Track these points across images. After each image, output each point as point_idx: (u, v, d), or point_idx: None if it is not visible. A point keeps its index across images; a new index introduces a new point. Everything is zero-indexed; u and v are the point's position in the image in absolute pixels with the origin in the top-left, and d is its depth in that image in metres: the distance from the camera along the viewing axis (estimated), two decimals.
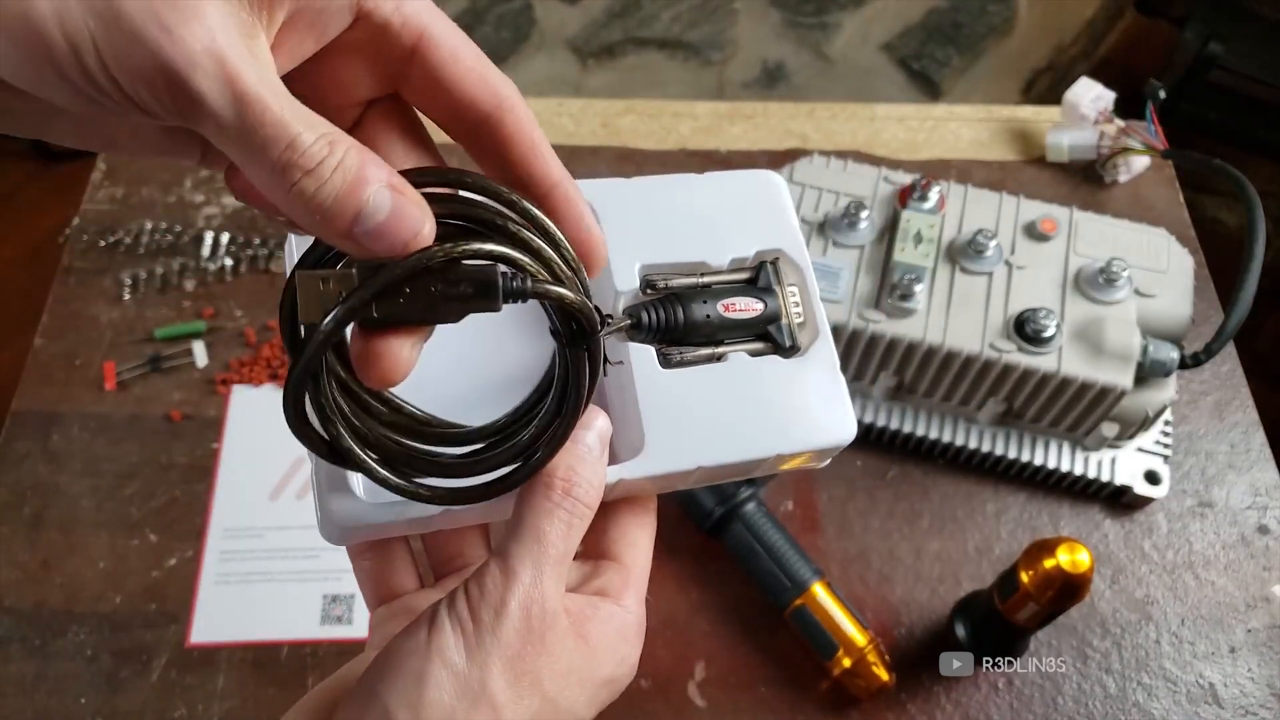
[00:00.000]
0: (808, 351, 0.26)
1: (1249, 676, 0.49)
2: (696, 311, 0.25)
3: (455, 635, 0.22)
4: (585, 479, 0.23)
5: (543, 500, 0.23)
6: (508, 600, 0.23)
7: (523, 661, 0.23)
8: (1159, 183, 0.66)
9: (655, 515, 0.28)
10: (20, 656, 0.48)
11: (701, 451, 0.25)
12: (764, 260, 0.27)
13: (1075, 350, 0.49)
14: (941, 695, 0.48)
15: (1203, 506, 0.54)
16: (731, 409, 0.25)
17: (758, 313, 0.26)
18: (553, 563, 0.23)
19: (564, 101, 0.69)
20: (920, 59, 1.18)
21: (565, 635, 0.24)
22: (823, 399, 0.26)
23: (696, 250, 0.26)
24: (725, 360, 0.26)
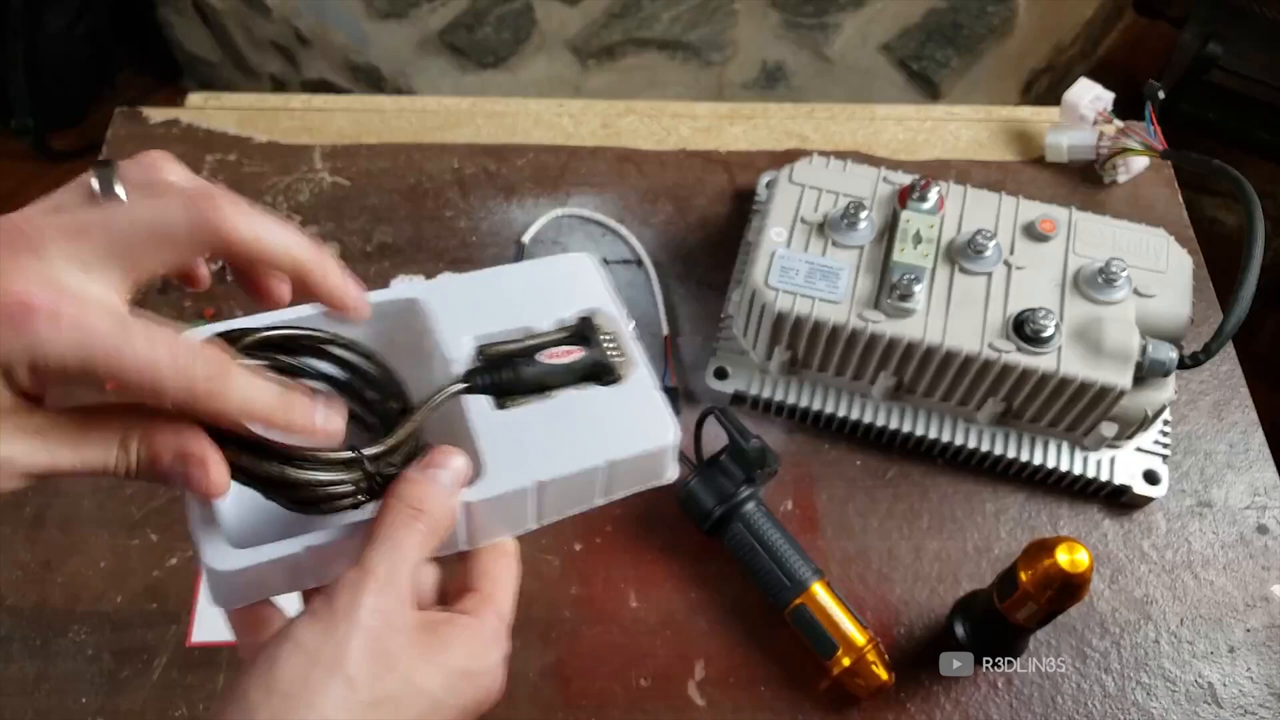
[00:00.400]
0: (628, 379, 0.31)
1: (1248, 676, 0.49)
2: (521, 363, 0.31)
3: (311, 621, 0.25)
4: (437, 503, 0.27)
5: (397, 516, 0.27)
6: (362, 591, 0.25)
7: (377, 641, 0.25)
8: (1158, 183, 0.66)
9: (518, 559, 0.31)
10: (21, 656, 0.48)
11: (535, 469, 0.29)
12: (583, 319, 0.33)
13: (1074, 350, 0.49)
14: (940, 694, 0.48)
15: (1202, 506, 0.54)
16: (561, 432, 0.30)
17: (578, 357, 0.31)
18: (406, 564, 0.26)
19: (564, 102, 0.69)
20: (920, 60, 1.18)
21: (417, 628, 0.26)
22: (641, 412, 0.31)
23: (522, 321, 0.32)
24: (553, 396, 0.31)
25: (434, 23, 1.20)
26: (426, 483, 0.28)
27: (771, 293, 0.51)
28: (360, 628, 0.25)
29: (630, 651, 0.49)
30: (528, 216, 0.64)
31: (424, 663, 0.26)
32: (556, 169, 0.66)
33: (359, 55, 1.26)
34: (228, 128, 0.67)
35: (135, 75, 1.57)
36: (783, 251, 0.52)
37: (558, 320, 0.32)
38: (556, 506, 0.30)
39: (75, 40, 1.41)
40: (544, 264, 0.34)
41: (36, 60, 1.37)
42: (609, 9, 1.18)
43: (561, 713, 0.47)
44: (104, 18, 1.45)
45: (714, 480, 0.50)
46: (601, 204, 0.65)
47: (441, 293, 0.32)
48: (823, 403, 0.54)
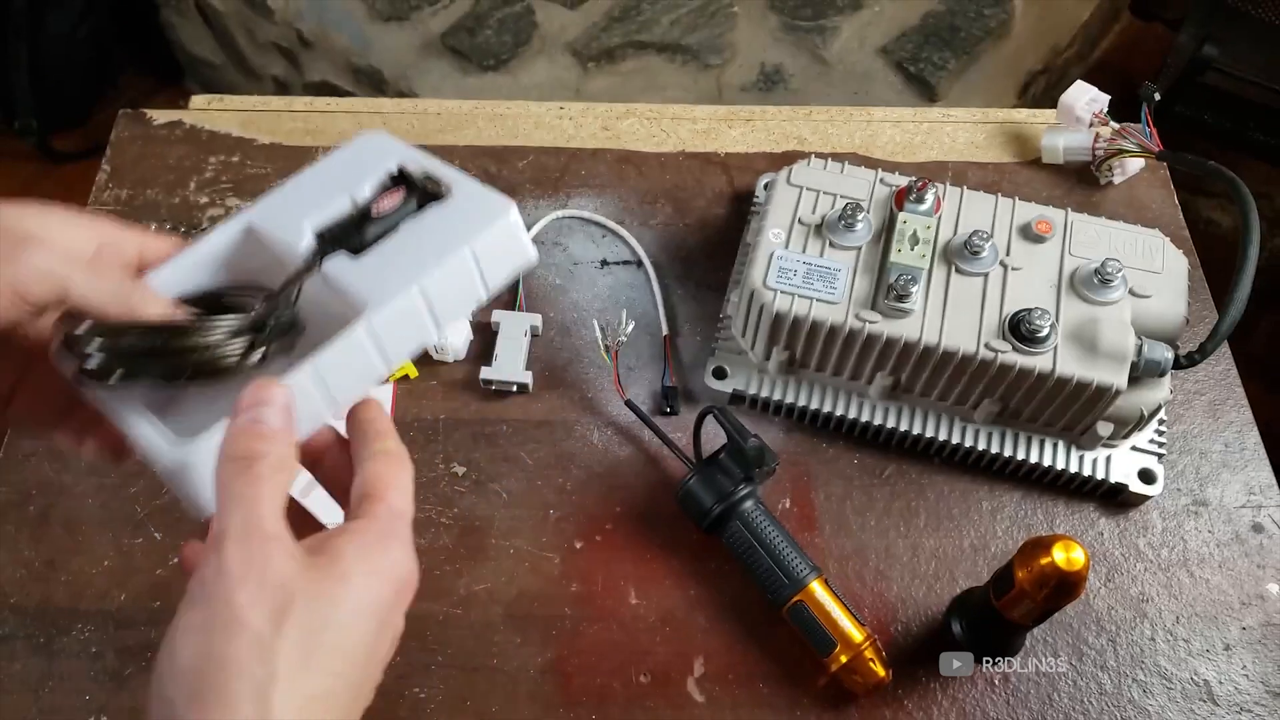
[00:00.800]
0: (454, 191, 0.34)
1: (1243, 674, 0.49)
2: (361, 227, 0.34)
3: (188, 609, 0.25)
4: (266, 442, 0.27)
5: (230, 472, 0.27)
6: (222, 553, 0.25)
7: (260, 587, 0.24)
8: (1154, 184, 0.66)
9: (406, 459, 0.31)
10: (25, 654, 0.48)
11: (412, 277, 0.32)
12: (394, 174, 0.36)
13: (1070, 350, 0.49)
14: (938, 691, 0.48)
15: (1197, 505, 0.55)
16: (420, 246, 0.33)
17: (402, 194, 0.34)
18: (260, 505, 0.26)
19: (565, 105, 0.70)
20: (917, 62, 1.19)
21: (302, 555, 0.26)
22: (478, 204, 0.34)
23: (345, 197, 0.35)
24: (399, 230, 0.34)
25: (435, 26, 1.21)
26: (247, 428, 0.27)
27: (770, 293, 0.51)
28: (235, 581, 0.24)
29: (630, 648, 0.49)
30: (528, 218, 0.65)
31: (319, 581, 0.26)
32: (557, 171, 0.66)
33: (361, 58, 1.26)
34: (231, 129, 0.68)
35: (137, 77, 1.57)
36: (781, 252, 0.53)
37: (374, 184, 0.35)
38: (448, 309, 0.33)
39: (78, 42, 1.42)
40: (343, 150, 0.37)
41: (39, 61, 1.38)
42: (609, 12, 1.18)
43: (561, 709, 0.48)
44: (107, 19, 1.46)
45: (713, 479, 0.50)
46: (601, 205, 0.65)
47: (267, 209, 0.35)
48: (820, 402, 0.55)
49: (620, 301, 0.61)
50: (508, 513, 0.53)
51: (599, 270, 0.62)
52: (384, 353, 0.32)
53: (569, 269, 0.62)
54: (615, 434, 0.56)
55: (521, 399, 0.57)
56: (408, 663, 0.49)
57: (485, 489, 0.54)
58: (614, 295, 0.61)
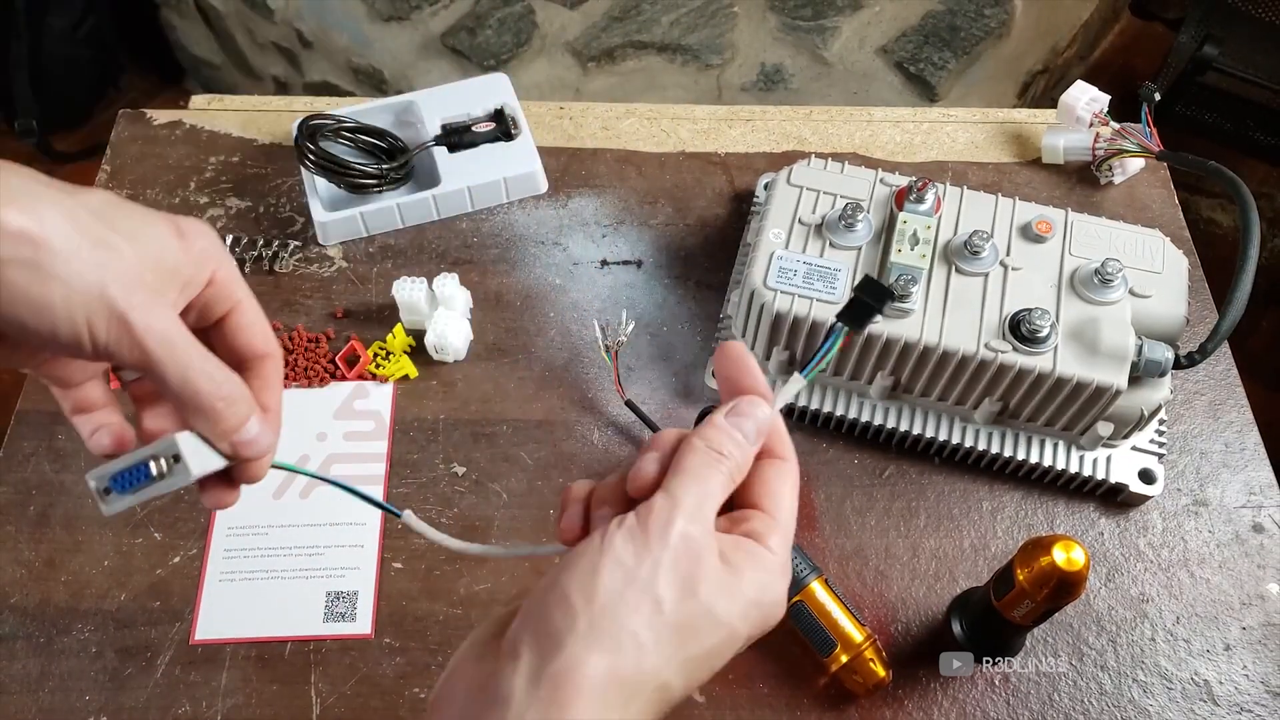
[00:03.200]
0: (519, 138, 0.65)
1: (1244, 674, 0.49)
2: (464, 132, 0.65)
3: (626, 542, 0.27)
4: (739, 451, 0.29)
5: (703, 457, 0.29)
6: (674, 519, 0.27)
7: (684, 568, 0.26)
8: (1154, 184, 0.66)
9: (797, 470, 0.32)
10: (25, 654, 0.48)
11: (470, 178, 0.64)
12: (498, 109, 0.66)
13: (1070, 350, 0.49)
14: (938, 691, 0.48)
15: (1197, 505, 0.55)
16: (482, 161, 0.65)
17: (491, 126, 0.65)
18: (710, 499, 0.28)
19: (565, 105, 0.70)
20: (917, 62, 1.18)
21: (716, 557, 0.28)
22: (522, 154, 0.64)
23: (466, 109, 0.66)
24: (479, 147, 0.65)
25: (436, 25, 1.21)
26: (730, 430, 0.29)
27: (770, 293, 0.51)
28: (671, 551, 0.26)
29: None
30: (529, 217, 0.65)
31: (722, 593, 0.27)
32: (557, 170, 0.66)
33: (361, 58, 1.26)
34: (231, 129, 0.68)
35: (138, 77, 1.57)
36: (781, 252, 0.53)
37: (485, 109, 0.66)
38: (482, 200, 0.64)
39: (78, 42, 1.42)
40: (476, 81, 0.67)
41: (40, 62, 1.38)
42: (609, 12, 1.18)
43: None
44: (107, 20, 1.46)
45: None
46: (601, 205, 0.65)
47: (425, 99, 0.66)
48: (820, 402, 0.55)
49: (620, 301, 0.61)
50: (508, 513, 0.53)
51: (599, 270, 0.62)
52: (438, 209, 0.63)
53: (569, 269, 0.62)
54: (615, 434, 0.56)
55: (521, 399, 0.57)
56: (408, 663, 0.49)
57: (485, 489, 0.54)
58: (614, 295, 0.61)
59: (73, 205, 0.26)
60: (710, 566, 0.27)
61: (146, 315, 0.26)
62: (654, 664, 0.26)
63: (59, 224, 0.25)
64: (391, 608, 0.50)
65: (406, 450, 0.55)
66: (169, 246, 0.28)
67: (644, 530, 0.27)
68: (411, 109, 0.66)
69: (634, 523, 0.27)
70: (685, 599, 0.26)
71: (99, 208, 0.27)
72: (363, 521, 0.53)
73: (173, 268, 0.28)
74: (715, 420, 0.30)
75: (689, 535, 0.27)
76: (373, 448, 0.55)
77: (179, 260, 0.28)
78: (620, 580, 0.26)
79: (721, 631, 0.27)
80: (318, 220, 0.62)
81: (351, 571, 0.51)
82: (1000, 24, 1.19)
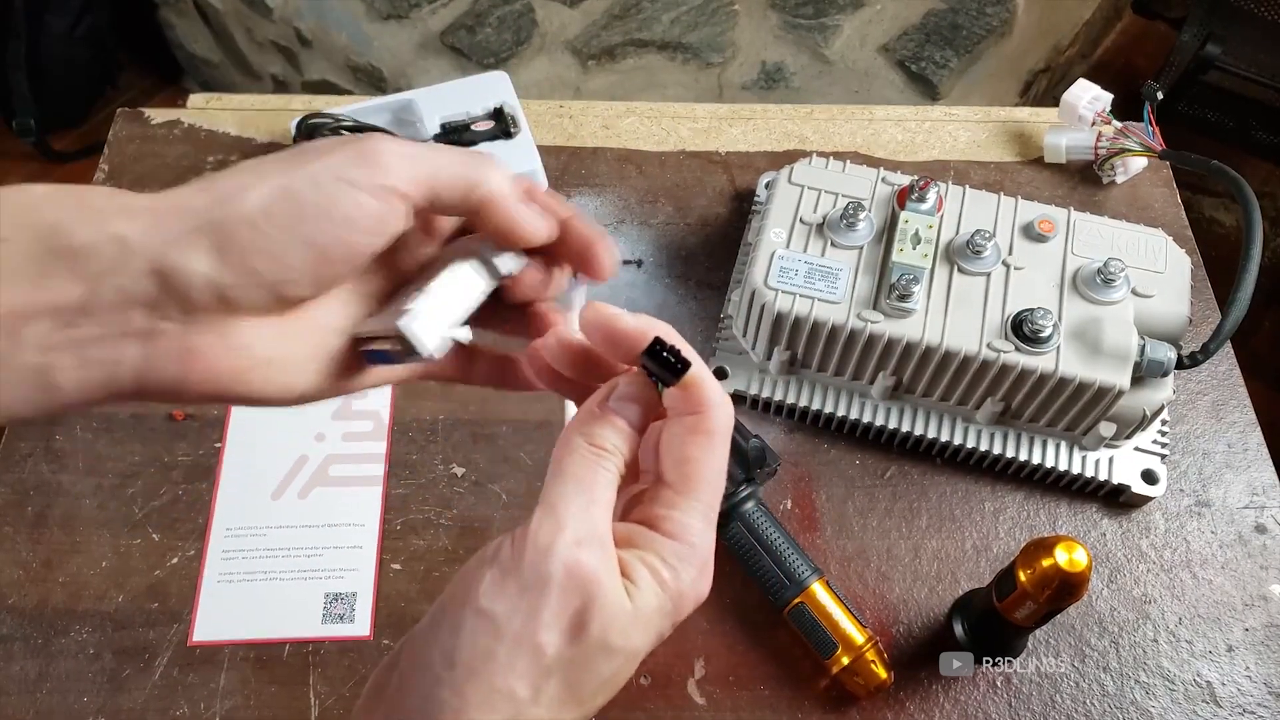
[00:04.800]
0: (518, 136, 0.64)
1: (1246, 675, 0.49)
2: (463, 130, 0.64)
3: (495, 588, 0.23)
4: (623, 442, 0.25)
5: (585, 456, 0.25)
6: (554, 547, 0.23)
7: (570, 604, 0.23)
8: (1156, 183, 0.66)
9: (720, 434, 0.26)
10: (23, 655, 0.48)
11: None
12: (498, 107, 0.65)
13: (1073, 350, 0.49)
14: (940, 693, 0.48)
15: (1200, 506, 0.54)
16: None
17: (491, 125, 0.64)
18: (598, 504, 0.24)
19: (565, 103, 0.70)
20: (918, 61, 1.18)
21: (614, 577, 0.23)
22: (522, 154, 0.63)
23: (464, 108, 0.65)
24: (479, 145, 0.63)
25: (435, 24, 1.20)
26: (612, 418, 0.25)
27: (771, 293, 0.51)
28: (553, 589, 0.22)
29: None
30: None
31: (620, 621, 0.23)
32: (557, 169, 0.66)
33: (360, 56, 1.26)
34: (229, 129, 0.68)
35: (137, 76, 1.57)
36: (782, 252, 0.52)
37: (484, 107, 0.65)
38: None
39: (77, 41, 1.42)
40: (476, 79, 0.66)
41: (38, 61, 1.37)
42: (609, 10, 1.18)
43: None
44: (105, 19, 1.46)
45: None
46: (602, 204, 0.65)
47: (424, 97, 0.65)
48: (822, 402, 0.54)
49: (620, 301, 0.61)
50: (507, 514, 0.53)
51: None
52: None
53: None
54: None
55: (521, 399, 0.57)
56: None
57: (484, 490, 0.54)
58: (614, 295, 0.61)
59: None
60: (606, 595, 0.23)
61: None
62: (537, 715, 0.22)
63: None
64: (390, 609, 0.50)
65: (405, 451, 0.55)
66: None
67: (517, 567, 0.23)
68: (410, 107, 0.66)
69: (507, 556, 0.23)
70: (574, 640, 0.23)
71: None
72: (361, 523, 0.52)
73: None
74: (592, 406, 0.26)
75: (576, 564, 0.23)
76: (371, 448, 0.55)
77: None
78: (488, 636, 0.22)
79: (619, 659, 0.23)
80: None
81: (350, 573, 0.51)
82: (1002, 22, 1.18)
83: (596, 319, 0.26)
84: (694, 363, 0.25)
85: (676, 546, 0.25)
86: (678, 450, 0.25)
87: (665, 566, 0.24)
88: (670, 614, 0.24)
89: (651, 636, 0.24)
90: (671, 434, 0.26)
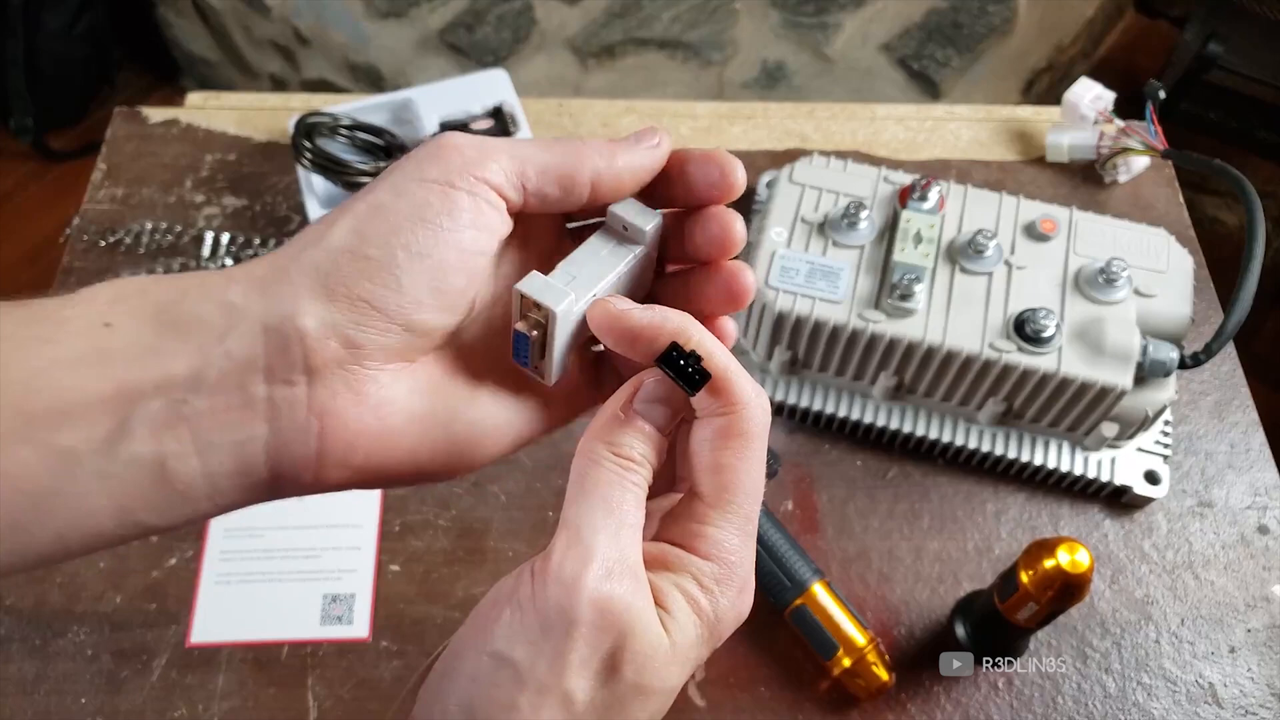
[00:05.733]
0: (517, 133, 0.62)
1: (1249, 676, 0.49)
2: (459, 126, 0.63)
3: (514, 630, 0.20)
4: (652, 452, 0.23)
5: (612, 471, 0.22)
6: (582, 581, 0.20)
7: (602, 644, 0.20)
8: (1159, 183, 0.66)
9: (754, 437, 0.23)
10: (20, 656, 0.48)
11: None
12: (497, 106, 0.64)
13: (1075, 350, 0.49)
14: (941, 695, 0.48)
15: (1202, 506, 0.54)
16: None
17: (490, 124, 0.64)
18: (628, 527, 0.21)
19: (564, 102, 0.69)
20: (920, 59, 1.18)
21: (649, 609, 0.21)
22: None
23: (463, 107, 0.65)
24: None
25: (434, 22, 1.20)
26: (639, 425, 0.22)
27: (772, 293, 0.51)
28: (582, 629, 0.20)
29: None
30: None
31: (657, 658, 0.21)
32: None
33: (359, 55, 1.26)
34: (227, 127, 0.67)
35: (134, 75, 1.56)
36: (783, 251, 0.52)
37: (483, 106, 0.64)
38: None
39: (74, 40, 1.41)
40: (475, 77, 0.66)
41: (35, 60, 1.37)
42: (609, 8, 1.17)
43: None
44: (103, 17, 1.45)
45: None
46: None
47: (423, 95, 0.64)
48: (823, 403, 0.54)
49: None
50: (506, 515, 0.53)
51: None
52: None
53: None
54: None
55: None
56: (405, 666, 0.48)
57: (483, 491, 0.54)
58: None
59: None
60: (640, 632, 0.20)
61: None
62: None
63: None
64: (389, 611, 0.50)
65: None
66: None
67: (539, 605, 0.20)
68: (409, 106, 0.65)
69: (527, 593, 0.20)
70: (606, 685, 0.20)
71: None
72: (360, 524, 0.52)
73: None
74: (615, 410, 0.23)
75: (607, 600, 0.20)
76: None
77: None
78: (510, 685, 0.20)
79: (656, 700, 0.21)
80: (314, 219, 0.61)
81: (349, 574, 0.51)
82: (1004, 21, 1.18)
83: (604, 317, 0.23)
84: (720, 360, 0.22)
85: (713, 568, 0.22)
86: (709, 457, 0.22)
87: (702, 592, 0.22)
88: (708, 641, 0.22)
89: (689, 670, 0.22)
90: (701, 439, 0.23)
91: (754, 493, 0.23)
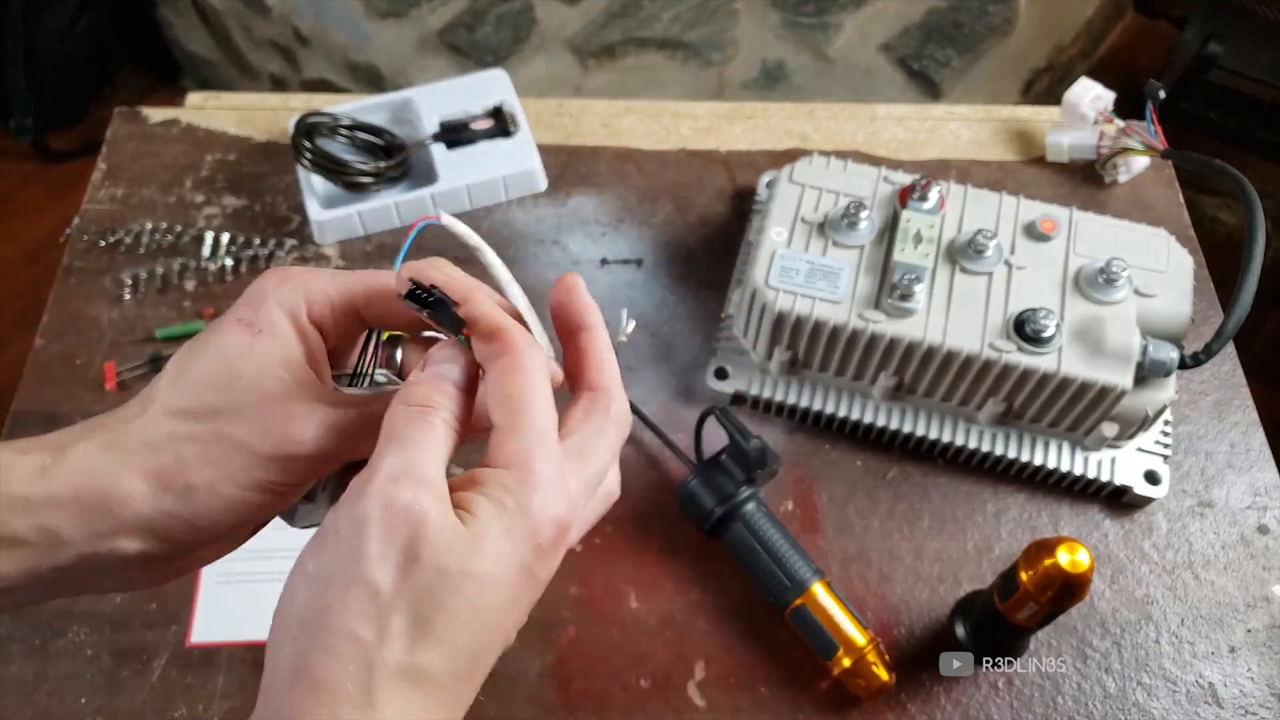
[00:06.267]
0: (517, 134, 0.64)
1: (1249, 676, 0.49)
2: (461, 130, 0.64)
3: (316, 542, 0.23)
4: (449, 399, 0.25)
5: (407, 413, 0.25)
6: (369, 488, 0.23)
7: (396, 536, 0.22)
8: (1158, 183, 0.66)
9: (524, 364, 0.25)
10: (20, 656, 0.48)
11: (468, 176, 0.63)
12: (496, 107, 0.66)
13: (1075, 350, 0.49)
14: (941, 695, 0.48)
15: (1202, 506, 0.54)
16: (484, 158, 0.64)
17: (490, 124, 0.65)
18: (423, 452, 0.24)
19: (564, 102, 0.69)
20: (920, 59, 1.18)
21: (444, 508, 0.23)
22: (520, 152, 0.64)
23: (463, 107, 0.66)
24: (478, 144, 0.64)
25: (434, 22, 1.20)
26: (431, 381, 0.25)
27: (772, 293, 0.51)
28: (373, 526, 0.22)
29: (630, 652, 0.49)
30: (528, 215, 0.64)
31: (458, 543, 0.22)
32: (556, 169, 0.66)
33: (359, 55, 1.26)
34: (227, 127, 0.67)
35: (134, 75, 1.56)
36: (783, 251, 0.52)
37: (483, 106, 0.65)
38: (481, 199, 0.64)
39: (74, 40, 1.41)
40: (475, 77, 0.67)
41: (35, 60, 1.37)
42: (609, 8, 1.17)
43: (561, 713, 0.47)
44: (103, 17, 1.45)
45: (714, 480, 0.50)
46: (601, 203, 0.65)
47: (423, 95, 0.65)
48: (823, 403, 0.54)
49: (620, 301, 0.60)
50: None
51: (599, 269, 0.62)
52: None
53: (568, 268, 0.62)
54: None
55: None
56: None
57: None
58: (613, 294, 0.61)
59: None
60: (433, 521, 0.22)
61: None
62: (393, 658, 0.21)
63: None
64: None
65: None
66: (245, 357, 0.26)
67: (334, 521, 0.23)
68: (409, 106, 0.65)
69: (330, 519, 0.23)
70: (408, 572, 0.22)
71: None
72: None
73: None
74: (413, 375, 0.26)
75: (392, 499, 0.22)
76: None
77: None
78: (318, 588, 0.22)
79: (467, 585, 0.22)
80: (314, 219, 0.61)
81: None
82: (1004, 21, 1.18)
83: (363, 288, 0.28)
84: (460, 283, 0.26)
85: (512, 473, 0.24)
86: (497, 392, 0.25)
87: (504, 492, 0.23)
88: (525, 537, 0.23)
89: (506, 562, 0.23)
90: (490, 383, 0.25)
91: (544, 411, 0.25)
